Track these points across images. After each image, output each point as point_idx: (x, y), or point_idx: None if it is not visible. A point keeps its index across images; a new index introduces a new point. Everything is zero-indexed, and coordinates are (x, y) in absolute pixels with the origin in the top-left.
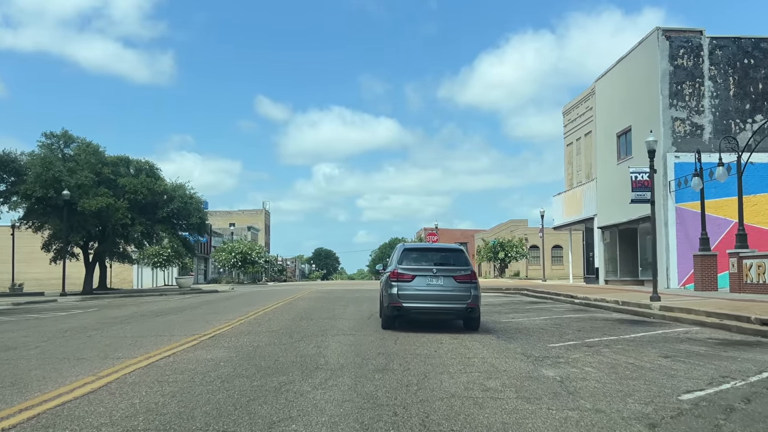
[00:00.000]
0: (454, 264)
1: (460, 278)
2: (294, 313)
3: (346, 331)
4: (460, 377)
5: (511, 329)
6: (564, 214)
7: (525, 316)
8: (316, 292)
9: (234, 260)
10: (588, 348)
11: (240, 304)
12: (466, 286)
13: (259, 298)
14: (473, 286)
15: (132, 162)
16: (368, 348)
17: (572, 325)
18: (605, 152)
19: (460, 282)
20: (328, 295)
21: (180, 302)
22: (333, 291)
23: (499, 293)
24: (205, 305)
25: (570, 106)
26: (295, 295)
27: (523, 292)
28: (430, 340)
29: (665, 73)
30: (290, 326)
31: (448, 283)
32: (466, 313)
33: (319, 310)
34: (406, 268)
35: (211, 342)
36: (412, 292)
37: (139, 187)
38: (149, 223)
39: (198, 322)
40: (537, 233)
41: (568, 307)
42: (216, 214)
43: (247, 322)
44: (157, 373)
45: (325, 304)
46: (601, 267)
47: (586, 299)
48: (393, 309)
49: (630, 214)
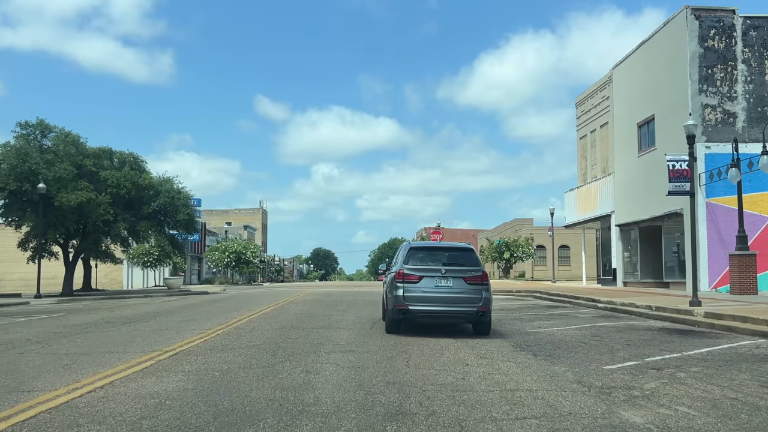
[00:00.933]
0: (464, 264)
1: (470, 279)
2: (284, 321)
3: (345, 346)
4: (513, 429)
5: (544, 343)
6: (577, 211)
7: (553, 325)
8: (312, 294)
9: (228, 260)
10: (657, 372)
11: (226, 308)
12: (476, 288)
13: (249, 301)
14: (485, 288)
15: (115, 154)
16: (374, 374)
17: (614, 337)
18: (624, 144)
19: (470, 283)
20: (326, 297)
21: (161, 306)
22: (331, 293)
23: (510, 296)
24: (185, 310)
25: (584, 97)
26: (289, 298)
27: (535, 294)
28: (451, 360)
29: (694, 56)
30: (276, 339)
31: (457, 285)
32: (476, 317)
33: (314, 317)
34: (412, 268)
35: (169, 363)
36: (418, 294)
37: (122, 181)
38: (133, 220)
39: (168, 332)
40: (542, 233)
41: (593, 313)
42: (212, 213)
43: (225, 333)
44: (65, 420)
45: (321, 309)
46: (618, 268)
47: (611, 303)
48: (398, 312)
49: (653, 210)
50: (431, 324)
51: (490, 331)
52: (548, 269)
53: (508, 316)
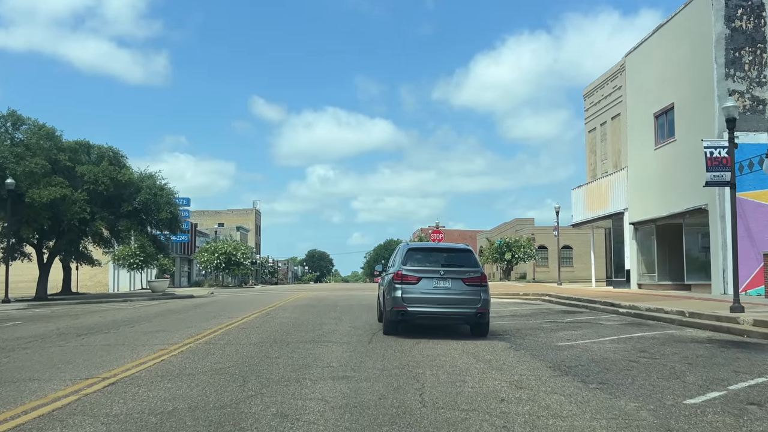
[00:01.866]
0: (463, 265)
1: (469, 281)
2: (266, 332)
3: (337, 369)
4: None
5: (586, 362)
6: (585, 209)
7: (582, 335)
8: (305, 298)
9: (217, 262)
10: (759, 409)
11: (204, 315)
12: (475, 290)
13: (234, 306)
14: (483, 289)
15: (93, 148)
16: (376, 418)
17: (664, 352)
18: (639, 136)
19: (469, 285)
20: (319, 302)
21: (135, 312)
22: (325, 296)
23: (517, 299)
24: (159, 317)
25: (593, 87)
26: (278, 302)
27: (544, 297)
28: (478, 392)
29: (720, 38)
30: (251, 359)
31: (456, 286)
32: (475, 318)
33: (303, 327)
34: (411, 269)
35: (94, 400)
36: (417, 296)
37: (100, 177)
38: (112, 219)
39: (122, 348)
40: (544, 233)
41: (617, 319)
42: (204, 214)
43: (191, 351)
44: None
45: (312, 317)
46: (632, 269)
47: (634, 308)
48: (397, 314)
49: (672, 206)
50: (437, 329)
51: (488, 333)
52: (550, 270)
53: (524, 324)
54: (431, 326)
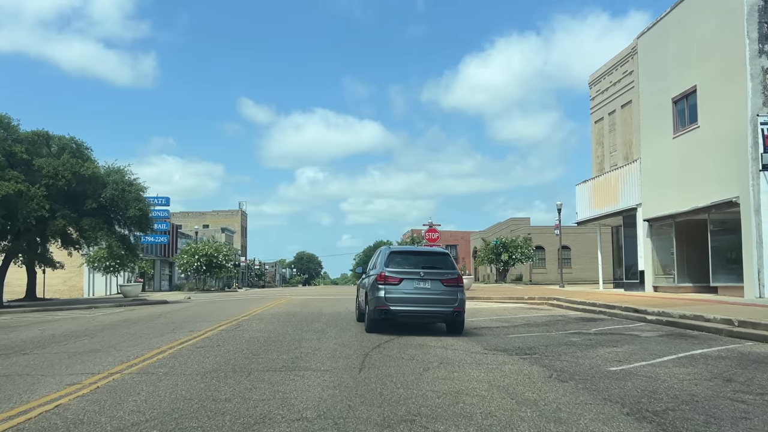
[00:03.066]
0: (441, 267)
1: (447, 282)
2: (228, 354)
3: (314, 421)
4: None
5: (672, 404)
6: (592, 205)
7: (632, 355)
8: (287, 304)
9: (198, 264)
10: None
11: (163, 327)
12: (453, 290)
13: (203, 315)
14: (459, 289)
15: (53, 139)
16: None
17: (761, 382)
18: (654, 124)
19: (447, 285)
20: (302, 308)
21: (86, 323)
22: (310, 301)
23: (523, 304)
24: (109, 330)
25: (599, 74)
26: (255, 309)
27: (552, 302)
28: None
29: (753, 10)
30: (186, 406)
31: (435, 287)
32: (452, 316)
33: (276, 344)
34: (393, 271)
35: None
36: (399, 295)
37: (61, 170)
38: (75, 216)
39: (23, 380)
40: (541, 233)
41: (654, 330)
42: (189, 215)
43: (108, 388)
44: None
45: (291, 329)
46: (647, 270)
47: (666, 316)
48: (380, 312)
49: (694, 200)
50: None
51: (463, 331)
52: (548, 272)
53: (547, 337)
54: (438, 347)
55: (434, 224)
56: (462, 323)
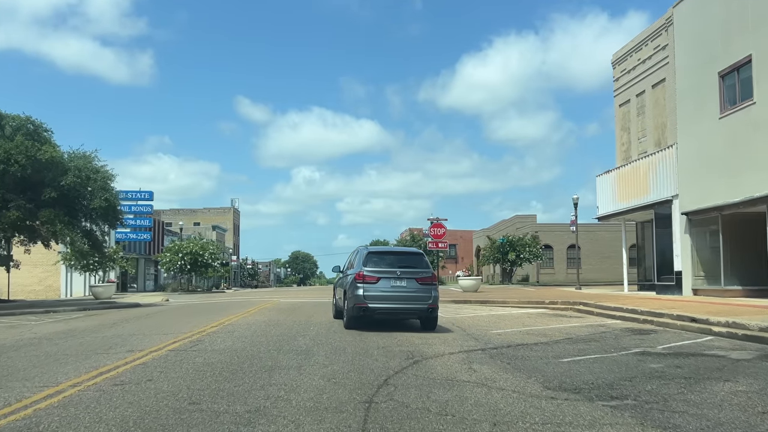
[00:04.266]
0: (416, 267)
1: (422, 280)
2: (156, 397)
3: None
4: None
5: None
6: (616, 198)
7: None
8: (272, 309)
9: (181, 263)
10: None
11: (99, 344)
12: (427, 288)
13: (165, 325)
14: (434, 287)
15: (6, 118)
16: None
17: None
18: (694, 104)
19: (422, 284)
20: (288, 315)
21: (18, 335)
22: (300, 306)
23: (544, 309)
24: (24, 348)
25: (625, 52)
26: (233, 316)
27: (578, 308)
28: None
29: None
30: None
31: (411, 285)
32: (427, 313)
33: (234, 380)
34: (371, 270)
35: None
36: (377, 293)
37: (14, 154)
38: (31, 207)
39: None
40: (548, 231)
41: (742, 348)
42: (180, 213)
43: None
44: None
45: (265, 348)
46: (686, 271)
47: (740, 328)
48: (359, 309)
49: (748, 190)
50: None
51: (436, 327)
52: (556, 273)
53: (611, 361)
54: (475, 384)
55: (440, 219)
56: (436, 319)
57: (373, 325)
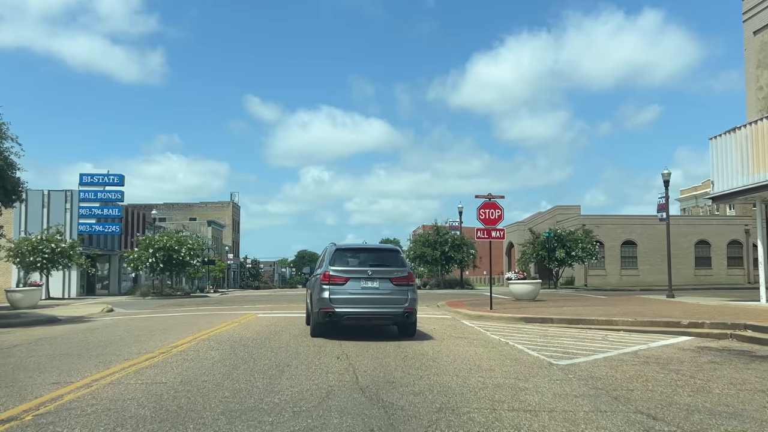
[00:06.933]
0: (390, 265)
1: (396, 280)
2: None
3: None
4: None
5: None
6: (750, 168)
7: None
8: (248, 327)
9: (152, 260)
10: None
11: None
12: (403, 289)
13: (31, 364)
14: (410, 288)
15: None
16: None
17: None
18: None
19: (396, 284)
20: (271, 339)
21: None
22: (288, 323)
23: (685, 335)
24: None
25: None
26: (178, 342)
27: (745, 333)
28: None
29: None
30: None
31: (384, 286)
32: (403, 317)
33: None
34: (338, 270)
35: None
36: (345, 296)
37: None
38: None
39: None
40: (595, 224)
41: None
42: (174, 207)
43: None
44: None
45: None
46: None
47: None
48: (324, 315)
49: None
50: None
51: (415, 333)
52: (607, 274)
53: None
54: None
55: (494, 197)
56: (414, 324)
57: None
